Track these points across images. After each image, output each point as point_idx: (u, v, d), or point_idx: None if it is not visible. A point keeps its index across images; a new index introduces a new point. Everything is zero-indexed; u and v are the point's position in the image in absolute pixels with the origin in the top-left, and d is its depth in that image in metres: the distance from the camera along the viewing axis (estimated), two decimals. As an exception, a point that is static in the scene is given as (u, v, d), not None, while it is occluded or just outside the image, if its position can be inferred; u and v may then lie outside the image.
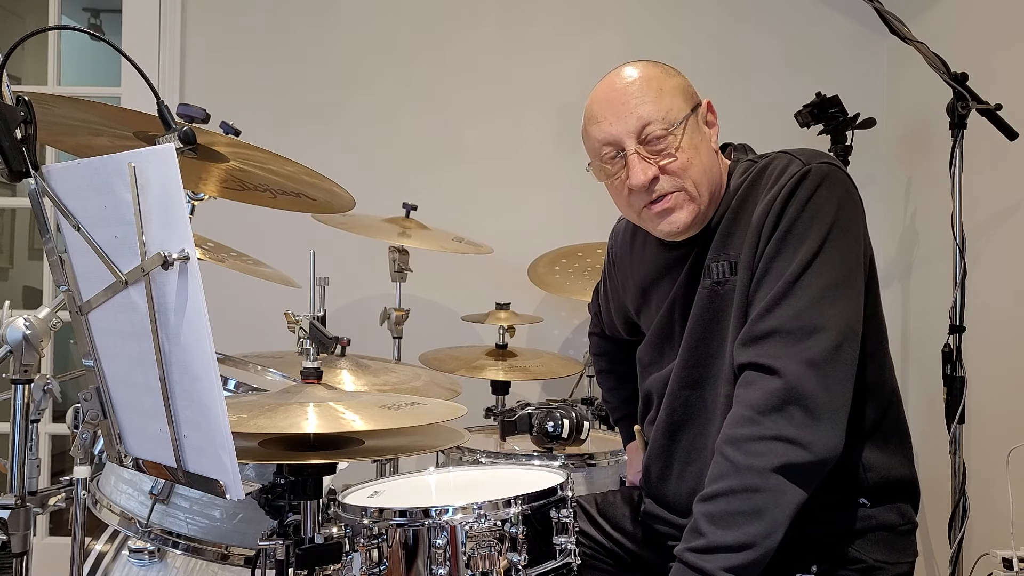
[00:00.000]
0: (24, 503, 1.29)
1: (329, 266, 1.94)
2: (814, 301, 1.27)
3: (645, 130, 1.35)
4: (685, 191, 1.38)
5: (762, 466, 1.22)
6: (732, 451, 1.25)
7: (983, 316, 2.23)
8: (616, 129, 1.37)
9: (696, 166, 1.37)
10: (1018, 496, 1.86)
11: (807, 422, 1.23)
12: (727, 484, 1.23)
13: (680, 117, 1.36)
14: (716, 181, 1.42)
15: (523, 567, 1.30)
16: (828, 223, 1.30)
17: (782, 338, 1.26)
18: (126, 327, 1.14)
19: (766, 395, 1.25)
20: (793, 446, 1.22)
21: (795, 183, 1.31)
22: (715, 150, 1.44)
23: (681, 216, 1.39)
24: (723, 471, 1.25)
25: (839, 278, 1.29)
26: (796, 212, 1.30)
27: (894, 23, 2.20)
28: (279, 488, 1.40)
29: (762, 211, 1.34)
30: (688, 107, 1.38)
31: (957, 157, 2.14)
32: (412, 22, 3.06)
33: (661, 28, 3.02)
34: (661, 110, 1.35)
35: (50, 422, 2.96)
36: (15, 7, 4.16)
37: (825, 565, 1.37)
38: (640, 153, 1.36)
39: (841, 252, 1.30)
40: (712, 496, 1.25)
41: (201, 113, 1.71)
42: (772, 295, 1.29)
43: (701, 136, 1.40)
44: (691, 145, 1.37)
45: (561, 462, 1.94)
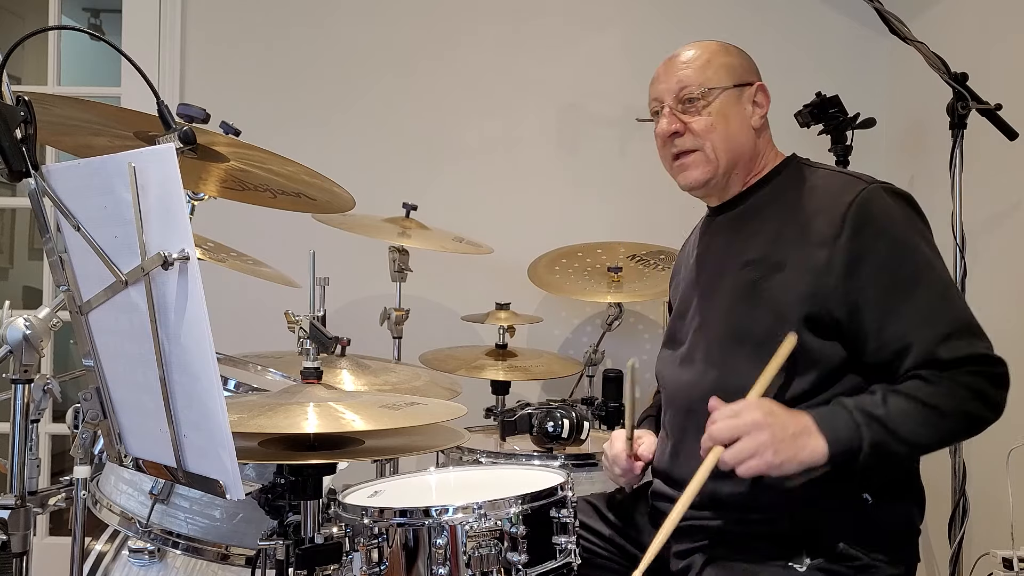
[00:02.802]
0: (24, 503, 1.29)
1: (329, 266, 1.94)
2: (962, 299, 1.41)
3: (683, 92, 1.52)
4: (703, 151, 1.52)
5: (962, 409, 1.32)
6: (947, 395, 1.32)
7: (983, 316, 2.21)
8: (661, 87, 1.56)
9: (719, 131, 1.51)
10: (1018, 496, 1.86)
11: (996, 391, 1.35)
12: (936, 401, 1.31)
13: (717, 86, 1.52)
14: (743, 153, 1.53)
15: (523, 567, 1.30)
16: (916, 236, 1.40)
17: (966, 334, 1.36)
18: (126, 327, 1.14)
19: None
20: (987, 406, 1.34)
21: (864, 201, 1.39)
22: (753, 128, 1.54)
23: (694, 173, 1.54)
24: (939, 393, 1.32)
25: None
26: (884, 231, 1.38)
27: (894, 23, 2.20)
28: (279, 488, 1.40)
29: (831, 226, 1.39)
30: (730, 81, 1.53)
31: (957, 157, 2.13)
32: (412, 22, 3.06)
33: (661, 28, 3.02)
34: (701, 77, 1.52)
35: (50, 422, 2.97)
36: (15, 7, 4.16)
37: (819, 559, 1.36)
38: (673, 109, 1.53)
39: (937, 251, 1.42)
40: (921, 400, 1.32)
41: (201, 113, 1.71)
42: (929, 304, 1.36)
43: (737, 110, 1.53)
44: (720, 112, 1.51)
45: (561, 462, 1.94)
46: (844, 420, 1.30)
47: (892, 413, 1.30)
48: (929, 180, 2.65)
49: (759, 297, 1.43)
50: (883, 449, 1.29)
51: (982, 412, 1.34)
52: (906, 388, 1.33)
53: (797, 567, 1.36)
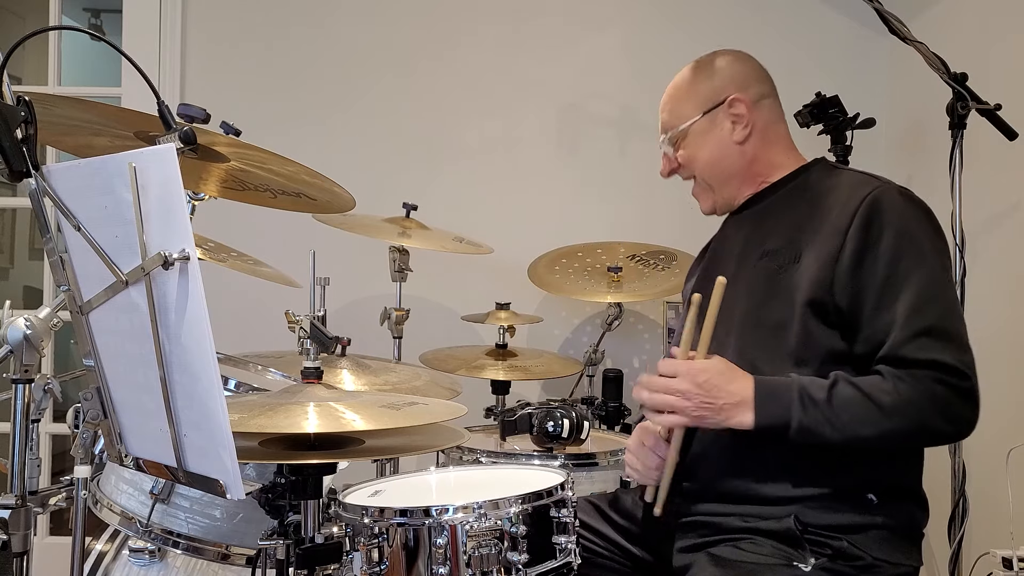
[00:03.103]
0: (24, 503, 1.29)
1: (329, 266, 1.94)
2: (951, 307, 1.39)
3: (666, 132, 1.65)
4: (698, 182, 1.64)
5: (911, 412, 1.31)
6: (898, 395, 1.32)
7: (983, 316, 2.22)
8: (661, 125, 1.68)
9: (699, 160, 1.61)
10: (1018, 496, 1.86)
11: (962, 404, 1.32)
12: (884, 399, 1.32)
13: (685, 124, 1.60)
14: (734, 170, 1.59)
15: (523, 567, 1.30)
16: (921, 236, 1.40)
17: (939, 339, 1.34)
18: (127, 327, 1.14)
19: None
20: (943, 416, 1.32)
21: (876, 198, 1.41)
22: (738, 142, 1.58)
23: (702, 203, 1.67)
24: (888, 390, 1.32)
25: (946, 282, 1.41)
26: (890, 226, 1.39)
27: (894, 23, 2.20)
28: (279, 488, 1.40)
29: (844, 218, 1.41)
30: (698, 112, 1.59)
31: (957, 157, 2.13)
32: (412, 22, 3.06)
33: (662, 28, 3.02)
34: (673, 119, 1.63)
35: (50, 422, 2.96)
36: (15, 7, 4.16)
37: (823, 558, 1.37)
38: (665, 149, 1.65)
39: (943, 260, 1.44)
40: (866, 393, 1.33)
41: (201, 113, 1.71)
42: (913, 302, 1.35)
43: (713, 134, 1.59)
44: (695, 144, 1.60)
45: (561, 462, 1.94)
46: (784, 397, 1.35)
47: (835, 401, 1.33)
48: (929, 180, 2.65)
49: (777, 286, 1.46)
50: (812, 432, 1.33)
51: (936, 422, 1.32)
52: (861, 380, 1.35)
53: (802, 567, 1.36)
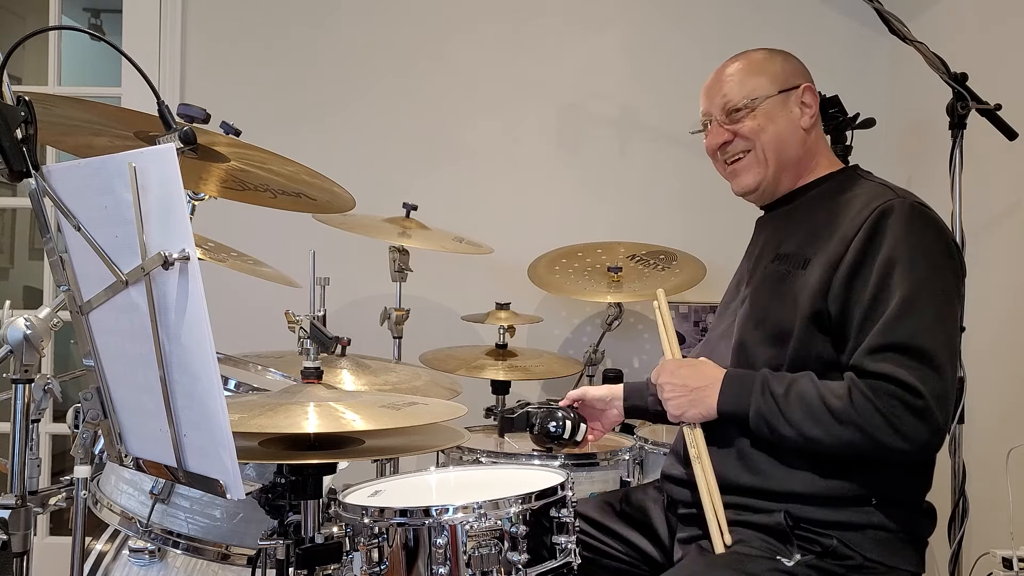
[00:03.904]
0: (24, 503, 1.29)
1: (329, 266, 1.94)
2: (930, 325, 1.35)
3: (728, 105, 1.59)
4: (754, 153, 1.58)
5: (862, 423, 1.32)
6: (850, 401, 1.33)
7: (983, 316, 2.22)
8: (707, 104, 1.63)
9: (768, 132, 1.56)
10: (1018, 496, 1.86)
11: (915, 422, 1.31)
12: (835, 403, 1.34)
13: (761, 95, 1.57)
14: (792, 153, 1.58)
15: (523, 567, 1.30)
16: (920, 252, 1.39)
17: (902, 355, 1.33)
18: (126, 327, 1.14)
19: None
20: (895, 432, 1.31)
21: (885, 210, 1.41)
22: (804, 128, 1.58)
23: (747, 178, 1.60)
24: (841, 395, 1.34)
25: (945, 306, 1.39)
26: (891, 240, 1.39)
27: (894, 23, 2.20)
28: (279, 488, 1.40)
29: (852, 228, 1.42)
30: (775, 88, 1.58)
31: (957, 157, 2.13)
32: (412, 22, 3.06)
33: (662, 28, 3.02)
34: (744, 90, 1.58)
35: (50, 422, 2.96)
36: (15, 7, 4.16)
37: (810, 555, 1.37)
38: (720, 121, 1.60)
39: (944, 279, 1.40)
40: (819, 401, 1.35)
41: (201, 113, 1.71)
42: (891, 316, 1.35)
43: (784, 112, 1.58)
44: (767, 115, 1.57)
45: (561, 462, 1.95)
46: (747, 386, 1.42)
47: (791, 395, 1.37)
48: (929, 180, 2.65)
49: (782, 289, 1.48)
50: (768, 423, 1.39)
51: (884, 435, 1.31)
52: (823, 382, 1.37)
53: (785, 561, 1.36)
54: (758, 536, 1.40)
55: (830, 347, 1.41)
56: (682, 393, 1.49)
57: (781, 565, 1.36)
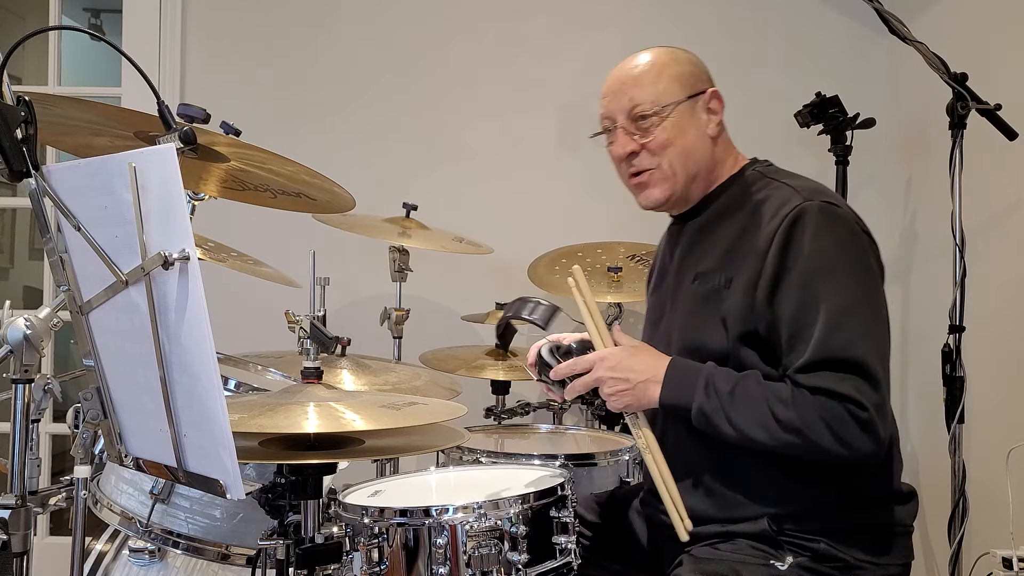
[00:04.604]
0: (24, 503, 1.29)
1: (329, 266, 1.94)
2: (861, 335, 1.34)
3: (635, 110, 1.50)
4: (661, 169, 1.51)
5: (804, 430, 1.31)
6: (795, 409, 1.31)
7: (983, 316, 2.23)
8: (612, 106, 1.53)
9: (676, 147, 1.49)
10: (1018, 496, 1.86)
11: (860, 434, 1.30)
12: (779, 409, 1.32)
13: (670, 101, 1.49)
14: (702, 165, 1.52)
15: (523, 567, 1.30)
16: (838, 258, 1.37)
17: (838, 369, 1.32)
18: (126, 327, 1.14)
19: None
20: (838, 441, 1.30)
21: (795, 218, 1.37)
22: (711, 136, 1.52)
23: (655, 192, 1.53)
24: (786, 401, 1.32)
25: (869, 308, 1.38)
26: (806, 249, 1.36)
27: (894, 23, 2.20)
28: (279, 488, 1.40)
29: (764, 240, 1.39)
30: (684, 94, 1.50)
31: (957, 157, 2.13)
32: (412, 22, 3.06)
33: (662, 28, 3.02)
34: (653, 93, 1.49)
35: (50, 422, 2.96)
36: (15, 7, 4.16)
37: (802, 558, 1.37)
38: (626, 128, 1.51)
39: (865, 281, 1.39)
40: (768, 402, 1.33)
41: (201, 113, 1.71)
42: (821, 330, 1.33)
43: (693, 121, 1.51)
44: (676, 127, 1.49)
45: (561, 462, 1.95)
46: (691, 380, 1.38)
47: (736, 395, 1.35)
48: (929, 180, 2.65)
49: (709, 311, 1.44)
50: (710, 421, 1.36)
51: (827, 442, 1.30)
52: (771, 384, 1.35)
53: (779, 565, 1.36)
54: (749, 544, 1.39)
55: (763, 363, 1.39)
56: (624, 388, 1.42)
57: (775, 570, 1.36)
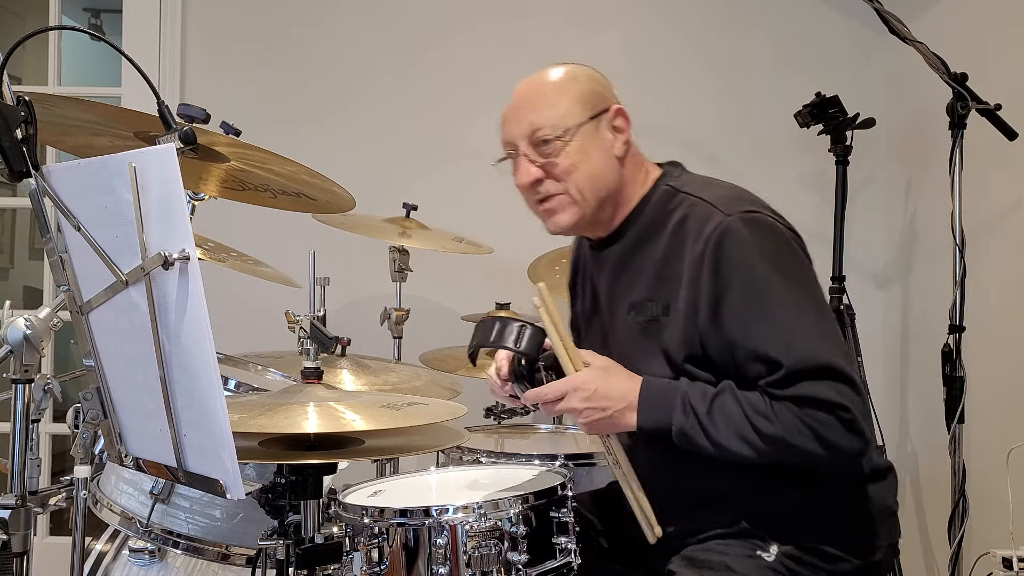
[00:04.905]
0: (24, 503, 1.29)
1: (329, 266, 1.94)
2: (821, 338, 1.32)
3: (536, 134, 1.43)
4: (568, 195, 1.44)
5: (788, 441, 1.29)
6: (777, 420, 1.30)
7: (983, 316, 2.23)
8: (512, 131, 1.47)
9: (582, 171, 1.43)
10: (1018, 496, 1.86)
11: (848, 436, 1.29)
12: (760, 423, 1.30)
13: (572, 124, 1.43)
14: (611, 187, 1.46)
15: (523, 567, 1.30)
16: (772, 267, 1.34)
17: (812, 377, 1.30)
18: (126, 327, 1.14)
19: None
20: (823, 445, 1.29)
21: (719, 237, 1.34)
22: (618, 156, 1.46)
23: (563, 218, 1.47)
24: (767, 414, 1.30)
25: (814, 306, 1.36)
26: (738, 267, 1.33)
27: (894, 23, 2.20)
28: (279, 488, 1.40)
29: (693, 266, 1.36)
30: (586, 114, 1.44)
31: (957, 157, 2.14)
32: (412, 22, 3.06)
33: (661, 28, 3.02)
34: (554, 116, 1.43)
35: (50, 422, 2.96)
36: (15, 7, 4.16)
37: (787, 546, 1.37)
38: (528, 155, 1.44)
39: (805, 283, 1.37)
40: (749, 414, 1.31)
41: (201, 113, 1.71)
42: (777, 346, 1.31)
43: (597, 143, 1.45)
44: (580, 150, 1.43)
45: (561, 462, 1.95)
46: (668, 402, 1.35)
47: (714, 414, 1.32)
48: (929, 180, 2.65)
49: (648, 342, 1.43)
50: (691, 440, 1.33)
51: (811, 446, 1.29)
52: (746, 396, 1.33)
53: (765, 556, 1.37)
54: (736, 541, 1.40)
55: (713, 380, 1.37)
56: (599, 417, 1.37)
57: (762, 560, 1.36)
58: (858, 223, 2.81)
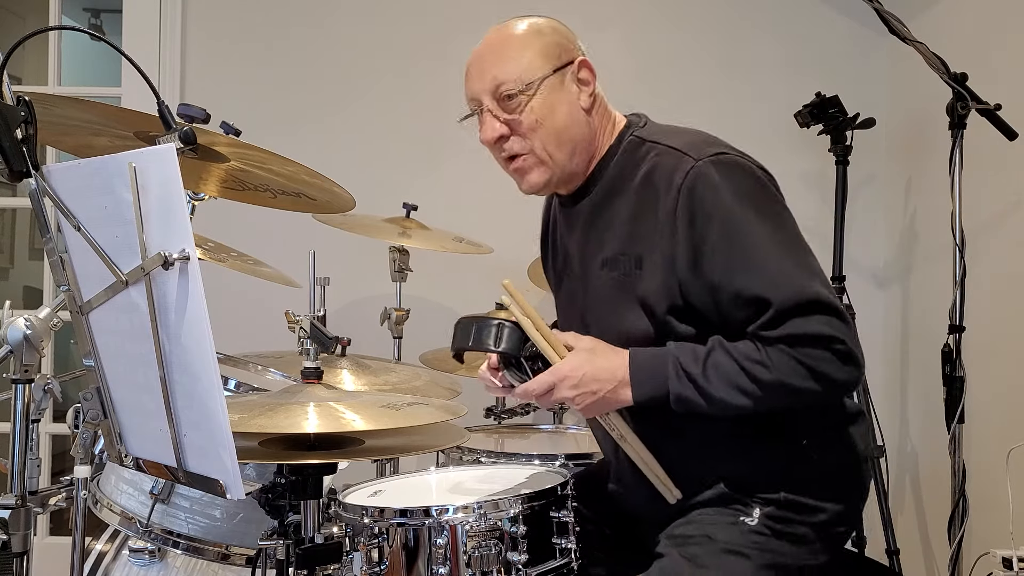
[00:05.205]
0: (24, 503, 1.29)
1: (329, 266, 1.94)
2: (802, 273, 1.31)
3: (499, 89, 1.42)
4: (534, 153, 1.43)
5: (784, 381, 1.29)
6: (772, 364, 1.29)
7: (983, 316, 2.23)
8: (475, 87, 1.46)
9: (547, 127, 1.41)
10: (1018, 496, 1.86)
11: (844, 367, 1.29)
12: (757, 370, 1.29)
13: (536, 77, 1.41)
14: (578, 141, 1.44)
15: (523, 567, 1.30)
16: (748, 207, 1.33)
17: (801, 314, 1.29)
18: (126, 327, 1.14)
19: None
20: (818, 381, 1.28)
21: (691, 184, 1.33)
22: (584, 108, 1.45)
23: (532, 177, 1.45)
24: (762, 361, 1.29)
25: (796, 246, 1.35)
26: (714, 211, 1.32)
27: (894, 23, 2.20)
28: (279, 488, 1.40)
29: (667, 214, 1.34)
30: (549, 67, 1.42)
31: (957, 157, 2.14)
32: (412, 22, 3.06)
33: (662, 28, 3.02)
34: (516, 70, 1.41)
35: (50, 422, 2.96)
36: (15, 7, 4.16)
37: (769, 507, 1.37)
38: (492, 111, 1.43)
39: (781, 218, 1.36)
40: (741, 364, 1.30)
41: (201, 113, 1.71)
42: (763, 286, 1.30)
43: (562, 96, 1.43)
44: (544, 105, 1.41)
45: (561, 462, 1.95)
46: (660, 371, 1.33)
47: (709, 373, 1.31)
48: (929, 180, 2.65)
49: (625, 296, 1.41)
50: (688, 403, 1.32)
51: (814, 386, 1.28)
52: (736, 348, 1.32)
53: (748, 521, 1.36)
54: (716, 509, 1.39)
55: (694, 333, 1.36)
56: (592, 400, 1.36)
57: (745, 526, 1.36)
58: (858, 223, 2.81)
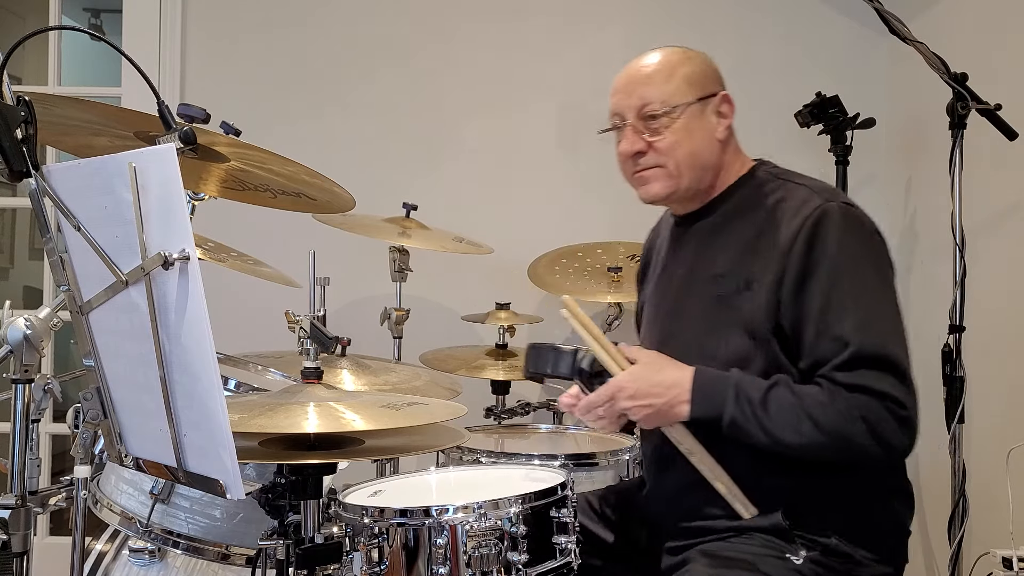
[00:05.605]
0: (24, 503, 1.29)
1: (329, 266, 1.94)
2: (892, 333, 1.36)
3: (644, 108, 1.50)
4: (666, 168, 1.50)
5: (843, 431, 1.31)
6: (834, 410, 1.32)
7: (983, 316, 2.23)
8: (622, 102, 1.53)
9: (683, 149, 1.49)
10: (1018, 496, 1.86)
11: (900, 432, 1.32)
12: (817, 412, 1.32)
13: (680, 102, 1.49)
14: (708, 167, 1.52)
15: (523, 567, 1.30)
16: (863, 258, 1.39)
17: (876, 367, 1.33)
18: (126, 327, 1.14)
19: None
20: (875, 439, 1.31)
21: (818, 218, 1.39)
22: (719, 140, 1.52)
23: (655, 187, 1.52)
24: (824, 403, 1.32)
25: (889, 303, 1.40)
26: (831, 248, 1.37)
27: (894, 23, 2.20)
28: (279, 488, 1.40)
29: (787, 240, 1.40)
30: (694, 95, 1.50)
31: (957, 157, 2.14)
32: (412, 21, 3.06)
33: (662, 28, 3.02)
34: (663, 93, 1.49)
35: (50, 422, 2.96)
36: (15, 7, 4.16)
37: (814, 551, 1.38)
38: (636, 127, 1.51)
39: (889, 282, 1.42)
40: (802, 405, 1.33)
41: (201, 113, 1.71)
42: (853, 330, 1.34)
43: (702, 123, 1.50)
44: (685, 129, 1.49)
45: (561, 462, 1.95)
46: (720, 392, 1.36)
47: (769, 404, 1.34)
48: (929, 180, 2.65)
49: (725, 314, 1.44)
50: (742, 429, 1.35)
51: (864, 440, 1.31)
52: (802, 388, 1.35)
53: (793, 559, 1.37)
54: (761, 537, 1.40)
55: (787, 360, 1.40)
56: (647, 412, 1.39)
57: (791, 563, 1.37)
58: (858, 223, 2.81)
